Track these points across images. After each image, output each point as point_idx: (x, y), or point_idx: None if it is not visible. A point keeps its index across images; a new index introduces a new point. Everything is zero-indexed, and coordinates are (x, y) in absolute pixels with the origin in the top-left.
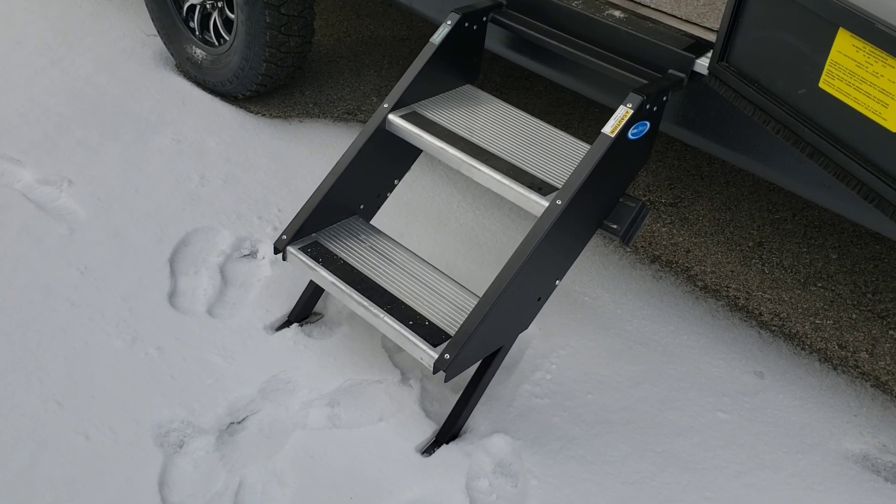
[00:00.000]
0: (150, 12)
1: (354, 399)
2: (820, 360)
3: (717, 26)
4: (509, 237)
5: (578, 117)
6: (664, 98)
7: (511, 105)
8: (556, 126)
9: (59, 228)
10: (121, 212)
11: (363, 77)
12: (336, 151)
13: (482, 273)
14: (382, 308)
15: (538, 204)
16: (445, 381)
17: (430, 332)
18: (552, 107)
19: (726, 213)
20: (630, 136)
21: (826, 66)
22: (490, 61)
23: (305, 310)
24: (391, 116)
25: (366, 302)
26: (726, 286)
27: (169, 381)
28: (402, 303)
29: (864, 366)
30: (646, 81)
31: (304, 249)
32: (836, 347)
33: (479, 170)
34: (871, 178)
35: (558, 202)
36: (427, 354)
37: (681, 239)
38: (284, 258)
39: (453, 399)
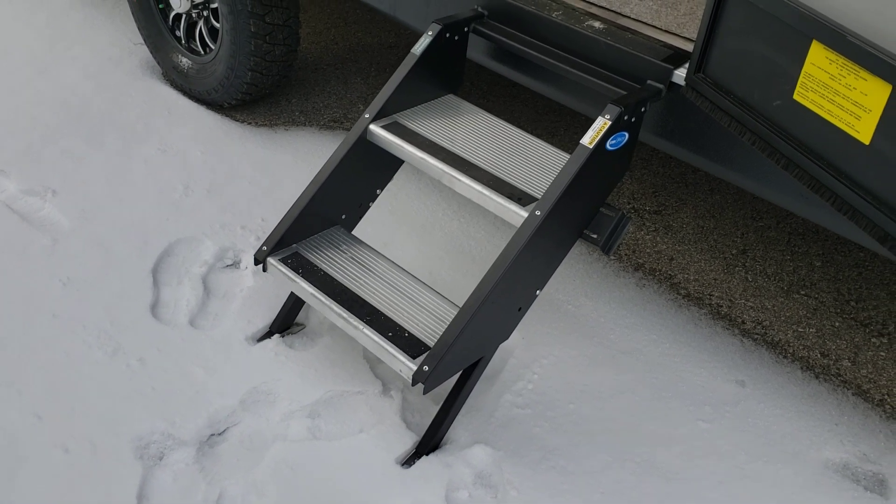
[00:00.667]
0: (136, 21)
1: (335, 410)
2: (802, 368)
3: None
4: (494, 245)
5: (564, 125)
6: (642, 109)
7: (493, 115)
8: (542, 134)
9: (42, 239)
10: (104, 222)
11: (350, 85)
12: (321, 160)
13: (466, 282)
14: (362, 320)
15: (518, 214)
16: (424, 393)
17: (409, 344)
18: (538, 115)
19: (710, 221)
20: (609, 146)
21: (800, 78)
22: (477, 69)
23: (287, 320)
24: (372, 127)
25: (345, 313)
26: (709, 294)
27: (150, 393)
28: (382, 314)
29: (846, 374)
30: (625, 92)
31: (284, 260)
32: (819, 356)
33: (459, 180)
34: (845, 190)
35: (537, 213)
36: (406, 366)
37: (664, 247)
38: (265, 269)
39: (434, 410)
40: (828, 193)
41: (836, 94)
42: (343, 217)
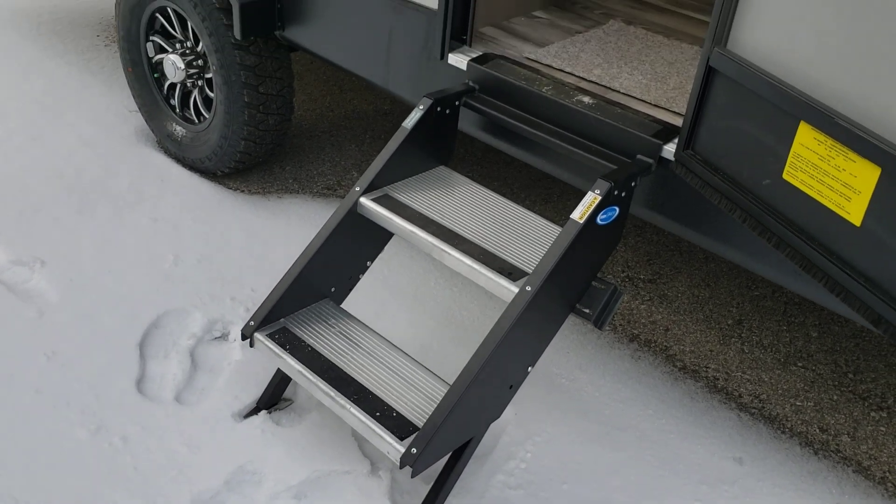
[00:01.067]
0: (131, 89)
1: (322, 491)
2: (801, 444)
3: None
4: (487, 316)
5: (558, 191)
6: (633, 184)
7: (484, 187)
8: (536, 200)
9: (27, 311)
10: (92, 293)
11: (344, 152)
12: (315, 228)
13: (458, 354)
14: (349, 398)
15: (508, 290)
16: (413, 476)
17: (397, 424)
18: (532, 181)
19: (705, 290)
20: (599, 221)
21: (789, 158)
22: (471, 137)
23: (274, 396)
24: (363, 200)
25: (332, 392)
26: (705, 366)
27: (132, 474)
28: (370, 392)
29: (845, 450)
30: (615, 167)
31: (271, 336)
32: (817, 430)
33: (449, 254)
34: (837, 271)
35: (528, 288)
36: (394, 448)
37: (660, 317)
38: (252, 345)
39: (425, 490)
40: (820, 274)
41: (826, 175)
42: (332, 290)
